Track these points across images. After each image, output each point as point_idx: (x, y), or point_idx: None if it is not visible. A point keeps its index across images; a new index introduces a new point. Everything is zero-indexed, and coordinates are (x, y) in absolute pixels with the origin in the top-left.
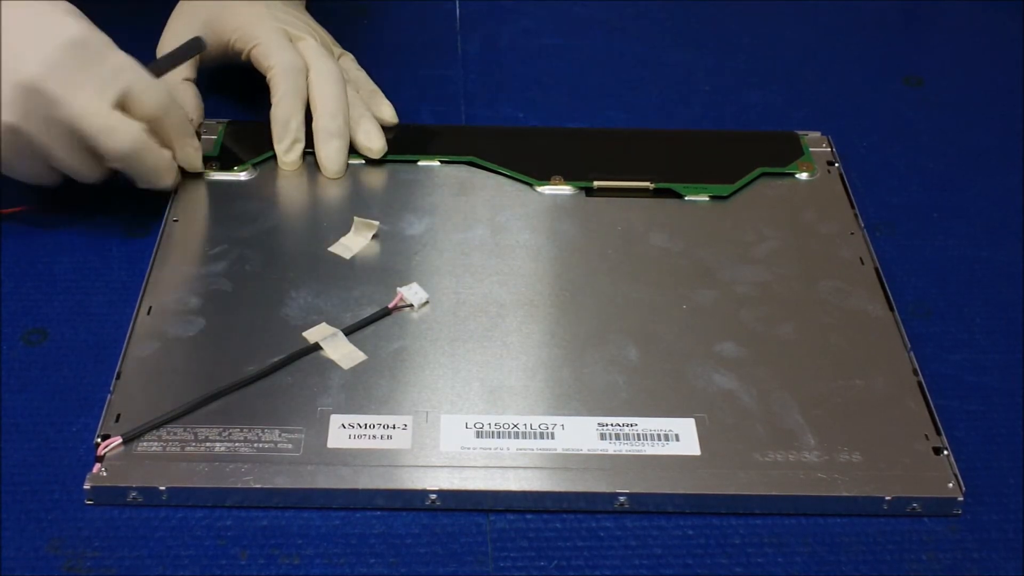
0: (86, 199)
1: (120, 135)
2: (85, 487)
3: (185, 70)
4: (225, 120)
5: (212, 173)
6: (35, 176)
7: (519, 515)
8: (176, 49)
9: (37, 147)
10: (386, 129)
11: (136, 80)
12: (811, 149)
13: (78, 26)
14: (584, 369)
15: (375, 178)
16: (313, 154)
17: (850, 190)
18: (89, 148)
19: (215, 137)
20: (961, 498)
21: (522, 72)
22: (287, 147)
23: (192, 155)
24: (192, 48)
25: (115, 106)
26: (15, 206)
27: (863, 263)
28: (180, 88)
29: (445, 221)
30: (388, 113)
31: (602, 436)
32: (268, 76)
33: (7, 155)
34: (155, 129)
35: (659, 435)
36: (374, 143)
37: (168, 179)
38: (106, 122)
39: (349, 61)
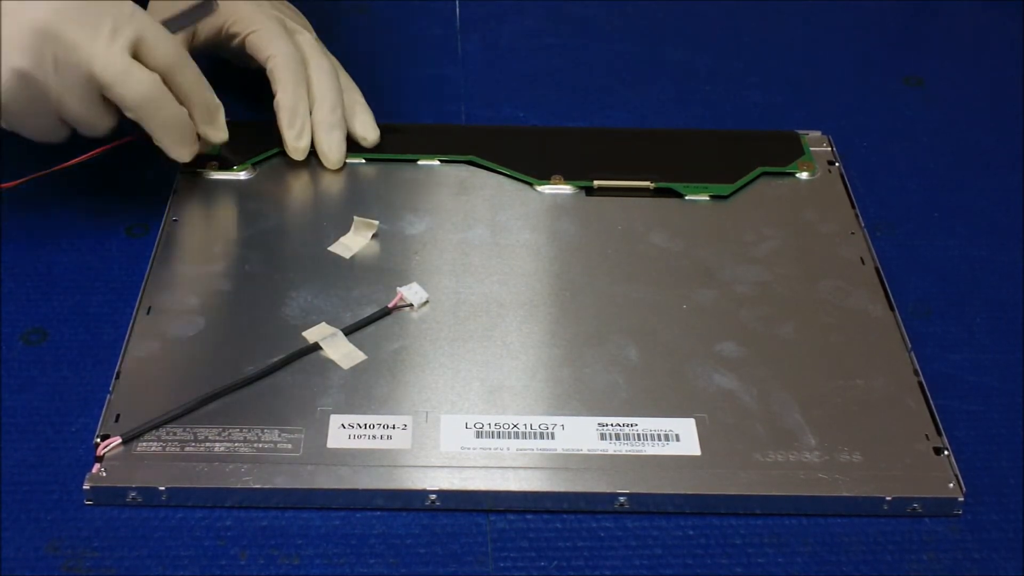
0: (86, 199)
1: (137, 81)
2: (85, 487)
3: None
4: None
5: (212, 173)
6: (41, 130)
7: (519, 515)
8: (186, 10)
9: (48, 95)
10: (388, 129)
11: (149, 27)
12: (811, 149)
13: None
14: (584, 369)
15: (375, 178)
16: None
17: (850, 190)
18: (101, 96)
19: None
20: (962, 498)
21: (522, 72)
22: (298, 133)
23: (211, 123)
24: (203, 10)
25: (130, 52)
26: (15, 179)
27: (863, 263)
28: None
29: (445, 221)
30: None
31: (602, 436)
32: (269, 65)
33: (15, 106)
34: (169, 85)
35: (659, 435)
36: (369, 133)
37: (186, 142)
38: (123, 67)
39: (335, 61)
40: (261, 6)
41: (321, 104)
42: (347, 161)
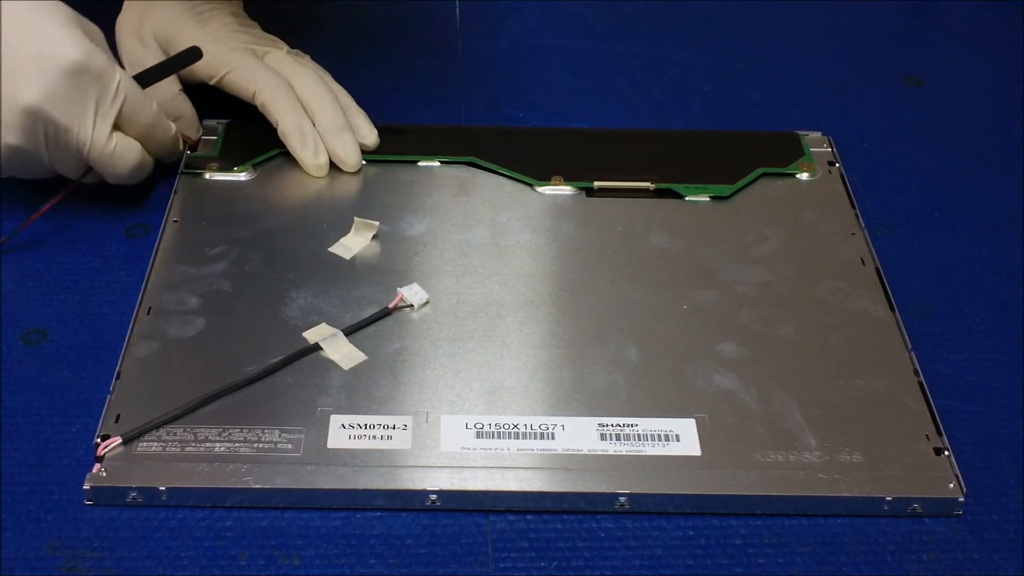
0: (86, 199)
1: (125, 159)
2: (85, 487)
3: (176, 81)
4: (225, 120)
5: (212, 173)
6: (36, 175)
7: (519, 516)
8: (171, 58)
9: (43, 161)
10: (388, 129)
11: (131, 99)
12: (812, 149)
13: (80, 47)
14: (584, 369)
15: (375, 179)
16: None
17: (850, 190)
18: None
19: (215, 137)
20: (962, 499)
21: (522, 72)
22: (313, 150)
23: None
24: (188, 57)
25: (114, 128)
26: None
27: (863, 263)
28: (177, 100)
29: (445, 221)
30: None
31: (602, 436)
32: (257, 101)
33: (13, 168)
34: (148, 140)
35: (659, 435)
36: (368, 136)
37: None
38: (111, 149)
39: (308, 58)
40: (227, 39)
41: (321, 114)
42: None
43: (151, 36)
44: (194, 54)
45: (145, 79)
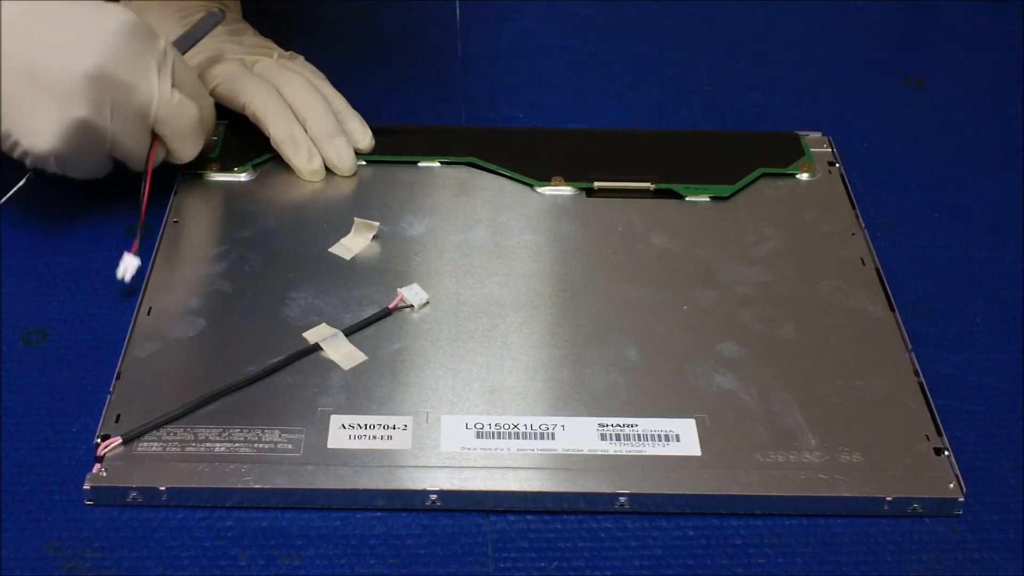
0: (86, 199)
1: (188, 113)
2: (85, 487)
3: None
4: (225, 121)
5: (212, 174)
6: (90, 170)
7: (519, 516)
8: (193, 27)
9: (104, 138)
10: (388, 130)
11: (176, 59)
12: (812, 149)
13: (125, 10)
14: (584, 369)
15: (375, 179)
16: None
17: (850, 190)
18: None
19: (215, 138)
20: (962, 499)
21: (522, 72)
22: (307, 156)
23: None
24: (209, 23)
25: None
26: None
27: (863, 263)
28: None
29: (445, 222)
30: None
31: (602, 436)
32: (247, 112)
33: (72, 153)
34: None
35: (659, 435)
36: (362, 139)
37: (200, 142)
38: (176, 101)
39: (302, 60)
40: (215, 50)
41: (312, 120)
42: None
43: None
44: (214, 20)
45: (176, 47)
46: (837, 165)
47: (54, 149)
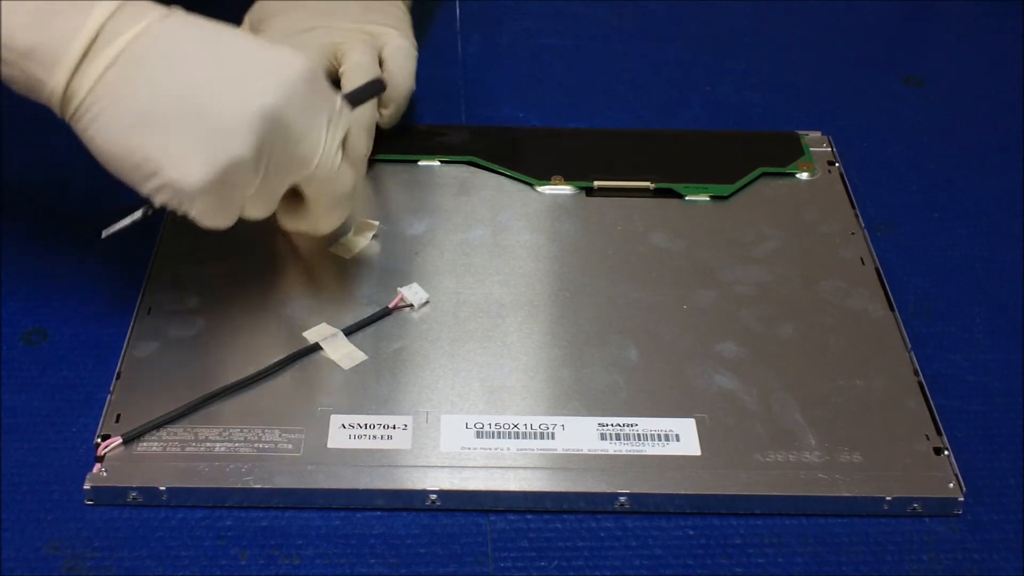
0: (86, 199)
1: (345, 181)
2: (85, 487)
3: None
4: None
5: None
6: (219, 218)
7: (519, 515)
8: (362, 87)
9: (251, 186)
10: (388, 129)
11: (353, 123)
12: (811, 149)
13: (308, 59)
14: (584, 369)
15: (376, 178)
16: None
17: (850, 190)
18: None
19: None
20: (962, 498)
21: (522, 72)
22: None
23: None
24: (375, 89)
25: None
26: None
27: (863, 263)
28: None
29: (445, 221)
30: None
31: (602, 436)
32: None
33: (216, 191)
34: None
35: (659, 435)
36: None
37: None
38: (337, 164)
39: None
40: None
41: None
42: None
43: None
44: (379, 86)
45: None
46: (837, 165)
47: (203, 185)
